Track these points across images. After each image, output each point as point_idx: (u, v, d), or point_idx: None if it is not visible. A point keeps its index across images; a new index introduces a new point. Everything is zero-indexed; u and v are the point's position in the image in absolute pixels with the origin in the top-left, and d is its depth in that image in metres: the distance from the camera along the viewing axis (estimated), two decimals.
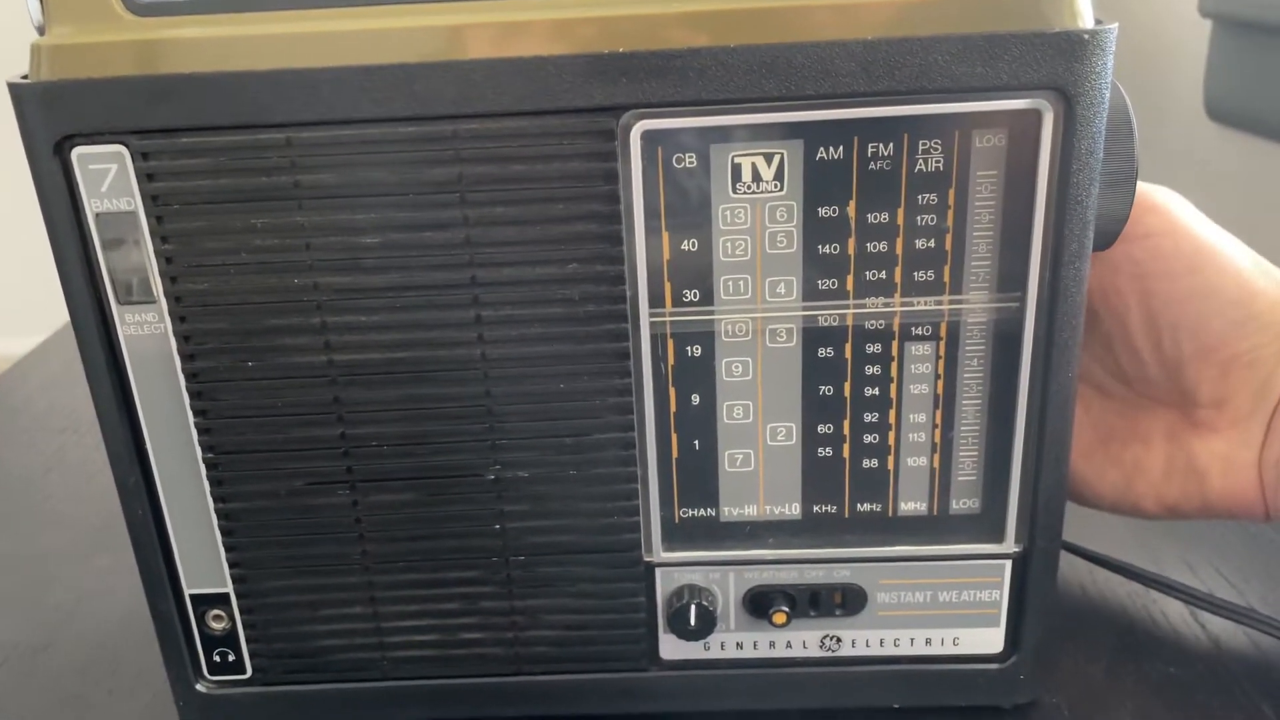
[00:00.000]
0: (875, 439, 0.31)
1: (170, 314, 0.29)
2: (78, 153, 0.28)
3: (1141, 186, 0.34)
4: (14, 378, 0.66)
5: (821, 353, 0.31)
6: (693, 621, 0.32)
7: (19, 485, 0.53)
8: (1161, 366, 0.35)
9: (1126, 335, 0.35)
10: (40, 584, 0.44)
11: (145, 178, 0.28)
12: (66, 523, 0.49)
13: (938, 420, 0.31)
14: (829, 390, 0.31)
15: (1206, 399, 0.35)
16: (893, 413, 0.31)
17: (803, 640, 0.33)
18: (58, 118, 0.27)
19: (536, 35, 0.27)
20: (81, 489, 0.52)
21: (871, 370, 0.31)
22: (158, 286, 0.29)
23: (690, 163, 0.28)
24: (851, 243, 0.29)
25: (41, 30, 0.28)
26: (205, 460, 0.31)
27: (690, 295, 0.30)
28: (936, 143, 0.28)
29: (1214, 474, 0.35)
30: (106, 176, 0.28)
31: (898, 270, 0.30)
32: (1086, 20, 0.26)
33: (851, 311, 0.30)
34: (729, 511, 0.32)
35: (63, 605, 0.43)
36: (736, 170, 0.29)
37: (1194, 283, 0.33)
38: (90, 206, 0.28)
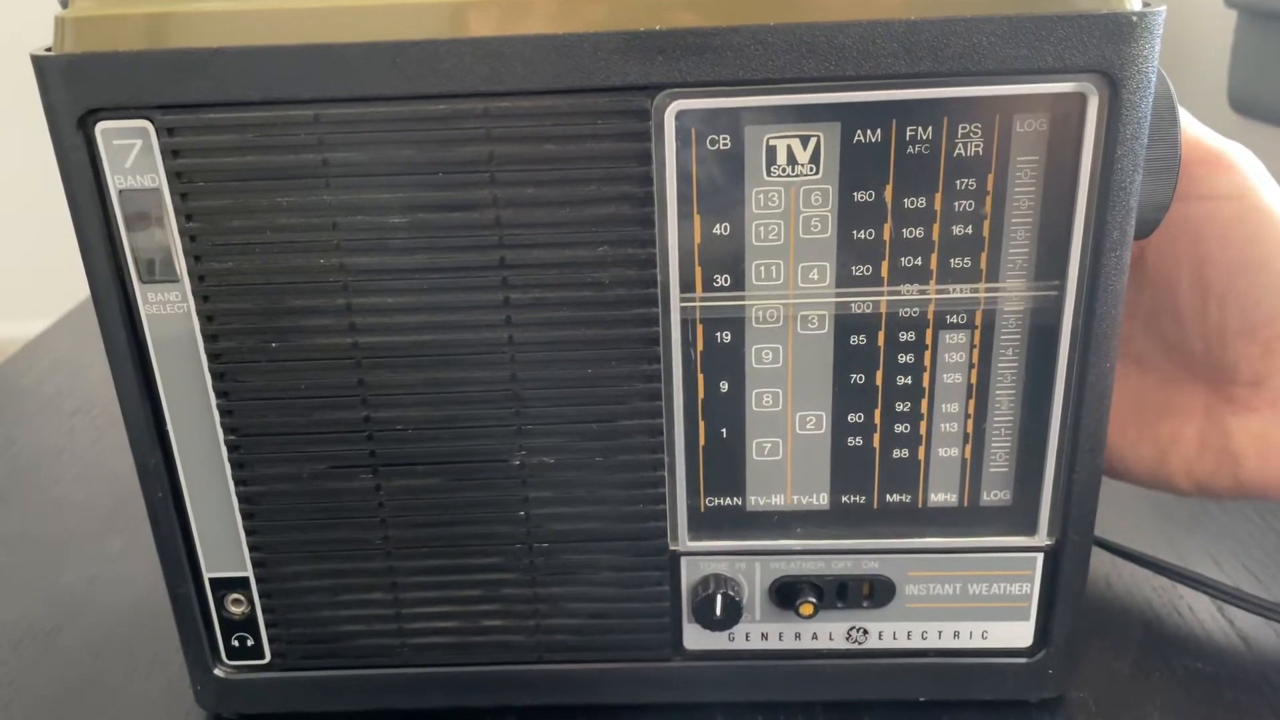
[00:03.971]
0: (906, 429, 0.31)
1: (193, 293, 0.29)
2: (102, 128, 0.27)
3: (1215, 140, 0.32)
4: (23, 360, 0.65)
5: (854, 340, 0.30)
6: (718, 612, 0.32)
7: (29, 467, 0.52)
8: (1204, 338, 0.34)
9: (1173, 301, 0.34)
10: (52, 566, 0.44)
11: (170, 154, 0.27)
12: (78, 505, 0.48)
13: (970, 410, 0.31)
14: (860, 379, 0.30)
15: (1246, 376, 0.34)
16: (925, 402, 0.31)
17: (829, 632, 0.33)
18: (82, 92, 0.27)
19: (571, 11, 0.26)
20: (93, 471, 0.51)
21: (904, 359, 0.30)
22: (181, 265, 0.28)
23: (724, 144, 0.28)
24: (887, 228, 0.29)
25: (64, 3, 0.27)
26: (227, 442, 0.30)
27: (721, 280, 0.29)
28: (977, 126, 0.28)
29: (1249, 454, 0.34)
30: (131, 152, 0.27)
31: (933, 257, 0.29)
32: (1134, 2, 0.26)
33: (885, 299, 0.29)
34: (756, 501, 0.32)
35: (75, 588, 0.42)
36: (771, 153, 0.28)
37: (1250, 253, 0.32)
38: (114, 183, 0.28)
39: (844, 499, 0.32)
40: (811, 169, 0.28)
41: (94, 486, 0.50)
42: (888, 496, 0.32)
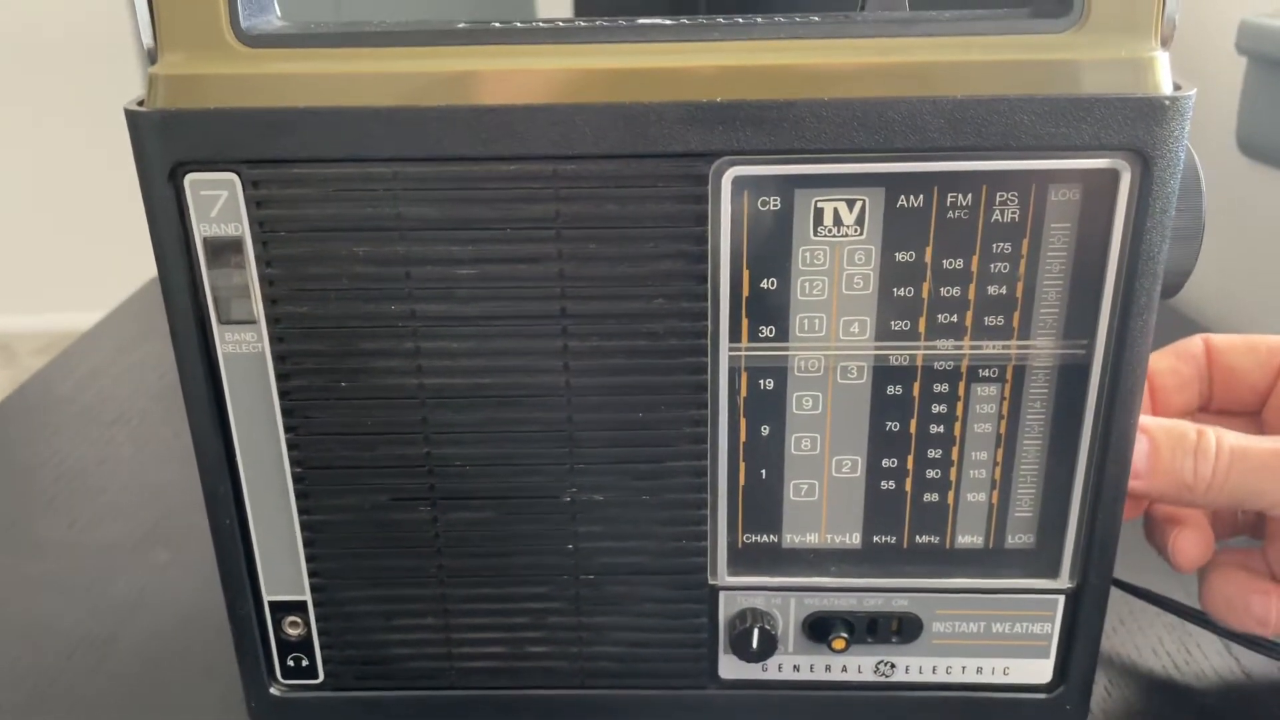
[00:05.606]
0: (937, 474, 0.33)
1: (269, 334, 0.30)
2: (191, 179, 0.29)
3: None
4: (61, 367, 0.67)
5: (890, 390, 0.32)
6: (755, 644, 0.33)
7: (73, 477, 0.54)
8: None
9: None
10: (103, 576, 0.45)
11: (254, 205, 0.29)
12: (123, 516, 0.50)
13: (999, 458, 0.32)
14: (895, 426, 0.32)
15: None
16: (955, 450, 0.32)
17: (858, 665, 0.35)
18: (174, 146, 0.28)
19: (637, 82, 0.28)
20: (135, 482, 0.53)
21: (938, 409, 0.32)
22: (259, 308, 0.30)
23: (775, 206, 0.30)
24: (926, 287, 0.30)
25: (152, 55, 0.29)
26: (293, 474, 0.32)
27: (767, 331, 0.31)
28: (1014, 195, 0.29)
29: None
30: (217, 202, 0.29)
31: (969, 314, 0.31)
32: (1167, 86, 0.28)
33: (922, 352, 0.31)
34: (792, 539, 0.34)
35: (126, 599, 0.44)
36: (819, 214, 0.30)
37: None
38: (199, 230, 0.29)
39: (876, 539, 0.33)
40: (856, 230, 0.30)
41: (138, 497, 0.51)
42: (917, 538, 0.33)
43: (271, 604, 0.34)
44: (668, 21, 0.29)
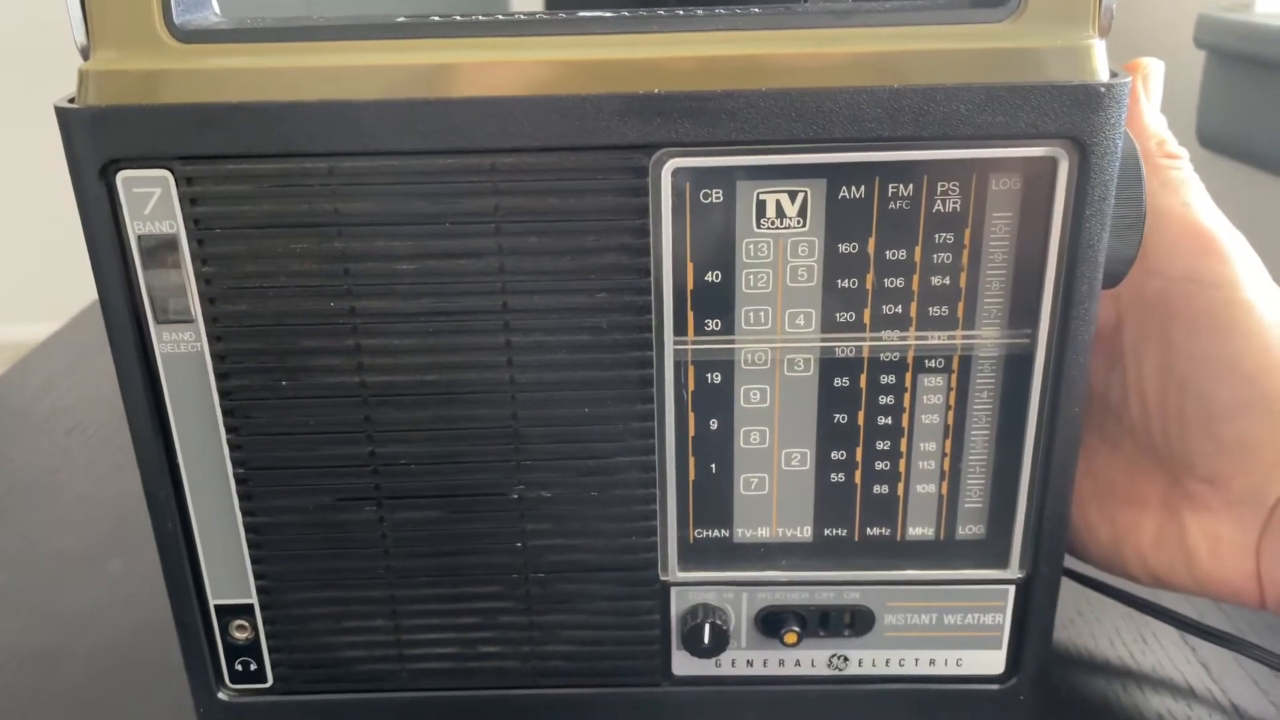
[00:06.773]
0: (886, 466, 0.32)
1: (207, 334, 0.30)
2: (123, 176, 0.28)
3: (1211, 223, 0.32)
4: (16, 377, 0.66)
5: (837, 382, 0.32)
6: (706, 640, 0.33)
7: (26, 487, 0.53)
8: (1164, 425, 0.33)
9: (1140, 381, 0.34)
10: (54, 587, 0.45)
11: (189, 202, 0.28)
12: (76, 526, 0.49)
13: (947, 449, 0.32)
14: (843, 418, 0.32)
15: (1201, 472, 0.33)
16: (904, 441, 0.32)
17: (811, 659, 0.34)
18: (105, 143, 0.28)
19: (575, 74, 0.28)
20: (90, 492, 0.52)
21: (885, 400, 0.32)
22: (196, 307, 0.30)
23: (717, 198, 0.29)
24: (870, 278, 0.30)
25: (85, 52, 0.29)
26: (236, 475, 0.32)
27: (712, 324, 0.31)
28: (955, 185, 0.29)
29: (1203, 553, 0.33)
30: (150, 200, 0.28)
31: (913, 305, 0.31)
32: (1103, 74, 0.28)
33: (868, 343, 0.31)
34: (743, 533, 0.33)
35: (76, 611, 0.43)
36: (761, 206, 0.30)
37: (1216, 346, 0.31)
38: (133, 228, 0.29)
39: (827, 532, 0.33)
40: (799, 222, 0.30)
41: (92, 507, 0.51)
42: (868, 530, 0.33)
43: (218, 608, 0.34)
44: (607, 14, 0.29)
